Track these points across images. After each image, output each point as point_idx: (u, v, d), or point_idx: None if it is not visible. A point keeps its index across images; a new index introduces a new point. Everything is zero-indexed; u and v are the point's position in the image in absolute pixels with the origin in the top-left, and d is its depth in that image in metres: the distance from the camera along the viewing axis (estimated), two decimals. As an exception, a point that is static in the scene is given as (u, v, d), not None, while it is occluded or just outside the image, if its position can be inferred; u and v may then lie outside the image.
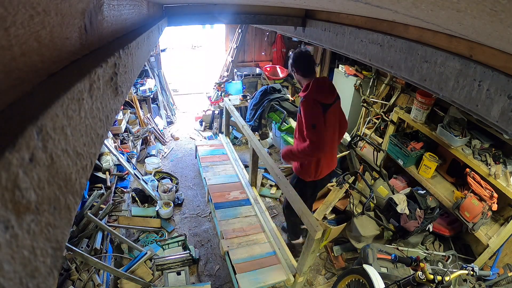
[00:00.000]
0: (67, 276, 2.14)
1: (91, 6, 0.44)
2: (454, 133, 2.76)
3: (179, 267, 2.58)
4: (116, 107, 0.47)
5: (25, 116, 0.22)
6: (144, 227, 3.10)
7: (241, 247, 2.46)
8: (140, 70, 0.84)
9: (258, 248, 2.46)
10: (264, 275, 2.23)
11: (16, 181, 0.19)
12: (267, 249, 2.47)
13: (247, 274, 2.21)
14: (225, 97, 4.67)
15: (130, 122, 4.48)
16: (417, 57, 1.12)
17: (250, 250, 2.43)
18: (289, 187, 2.26)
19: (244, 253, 2.40)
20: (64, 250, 0.29)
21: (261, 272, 2.26)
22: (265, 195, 3.78)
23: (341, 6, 1.19)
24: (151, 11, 1.22)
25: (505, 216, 2.79)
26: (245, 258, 2.35)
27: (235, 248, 2.43)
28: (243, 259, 2.34)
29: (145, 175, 3.91)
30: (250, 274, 2.22)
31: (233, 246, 2.44)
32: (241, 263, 2.30)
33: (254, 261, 2.33)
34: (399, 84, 3.69)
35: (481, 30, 0.63)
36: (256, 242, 2.51)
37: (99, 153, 1.15)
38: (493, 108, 0.85)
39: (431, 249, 3.00)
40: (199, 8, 1.80)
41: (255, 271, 2.25)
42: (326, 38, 1.78)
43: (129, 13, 0.75)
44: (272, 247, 2.48)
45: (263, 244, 2.51)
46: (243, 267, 2.27)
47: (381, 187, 3.11)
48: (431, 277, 1.80)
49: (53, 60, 0.33)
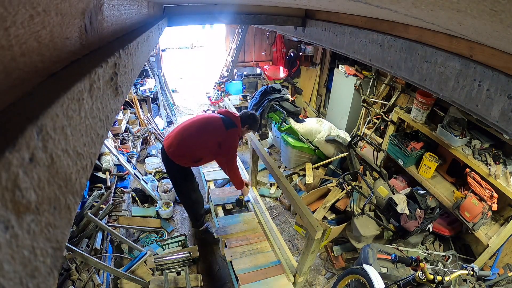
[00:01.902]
0: (67, 276, 2.14)
1: (91, 6, 0.44)
2: (454, 133, 2.76)
3: (179, 267, 2.57)
4: (116, 107, 0.47)
5: (25, 116, 0.22)
6: (144, 227, 3.10)
7: (245, 256, 2.41)
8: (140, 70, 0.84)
9: (262, 258, 2.41)
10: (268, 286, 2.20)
11: (16, 181, 0.19)
12: (271, 258, 2.43)
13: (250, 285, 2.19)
14: (225, 97, 4.67)
15: (130, 122, 4.48)
16: (417, 57, 1.12)
17: (254, 260, 2.38)
18: (289, 186, 2.26)
19: (248, 262, 2.35)
20: (64, 250, 0.29)
21: (265, 283, 2.23)
22: (264, 195, 3.78)
23: (341, 6, 1.19)
24: (151, 11, 1.22)
25: (505, 216, 2.79)
26: (249, 268, 2.31)
27: (238, 257, 2.39)
28: (247, 269, 2.30)
29: (145, 175, 3.91)
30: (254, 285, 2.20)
31: (236, 255, 2.40)
32: (245, 273, 2.26)
33: (258, 271, 2.30)
34: (399, 84, 3.69)
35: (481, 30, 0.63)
36: (260, 251, 2.47)
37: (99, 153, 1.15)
38: (493, 108, 0.85)
39: (431, 249, 3.00)
40: (199, 8, 1.80)
41: (259, 282, 2.22)
42: (326, 38, 1.78)
43: (129, 13, 0.75)
44: (276, 256, 2.44)
45: (267, 254, 2.46)
46: (247, 277, 2.23)
47: (381, 187, 3.11)
48: (431, 277, 1.80)
49: (53, 60, 0.33)
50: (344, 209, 3.09)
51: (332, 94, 4.79)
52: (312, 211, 3.10)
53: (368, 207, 2.90)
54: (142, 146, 4.45)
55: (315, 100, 5.58)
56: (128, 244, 2.75)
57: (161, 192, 3.53)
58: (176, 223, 3.32)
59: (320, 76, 5.35)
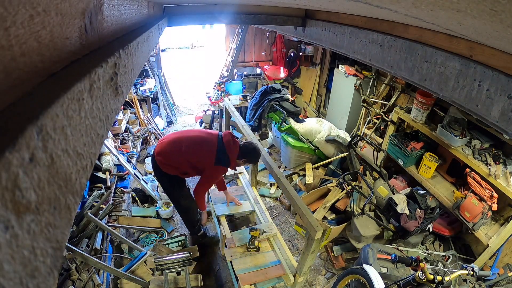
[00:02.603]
0: (67, 276, 2.14)
1: (91, 6, 0.44)
2: (454, 133, 2.76)
3: (179, 267, 2.57)
4: (116, 107, 0.47)
5: (25, 116, 0.22)
6: (144, 227, 3.10)
7: (245, 256, 2.41)
8: (140, 70, 0.84)
9: (262, 258, 2.41)
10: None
11: (16, 181, 0.19)
12: (271, 258, 2.42)
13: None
14: (225, 97, 4.67)
15: (130, 122, 4.48)
16: (417, 57, 1.12)
17: (254, 260, 2.38)
18: (289, 186, 2.26)
19: (248, 262, 2.35)
20: (64, 250, 0.29)
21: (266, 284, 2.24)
22: (264, 195, 3.78)
23: (341, 6, 1.19)
24: (151, 11, 1.22)
25: (505, 216, 2.79)
26: (249, 268, 2.30)
27: (238, 257, 2.39)
28: (247, 269, 2.30)
29: (145, 175, 3.91)
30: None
31: (236, 255, 2.40)
32: (245, 273, 2.26)
33: (258, 271, 2.29)
34: (399, 84, 3.69)
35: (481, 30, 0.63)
36: (260, 251, 2.46)
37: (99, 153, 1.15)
38: (493, 108, 0.85)
39: (431, 249, 3.00)
40: (199, 8, 1.80)
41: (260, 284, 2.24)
42: (326, 38, 1.78)
43: (129, 13, 0.75)
44: (276, 256, 2.44)
45: (267, 253, 2.46)
46: (247, 277, 2.23)
47: (381, 187, 3.11)
48: (431, 277, 1.80)
49: (53, 60, 0.33)
50: (344, 209, 3.09)
51: (332, 94, 4.79)
52: (312, 211, 3.10)
53: (368, 207, 2.90)
54: (142, 146, 4.46)
55: (315, 100, 5.58)
56: (128, 244, 2.75)
57: (161, 192, 3.52)
58: (176, 223, 3.32)
59: (320, 76, 5.35)
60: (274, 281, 2.31)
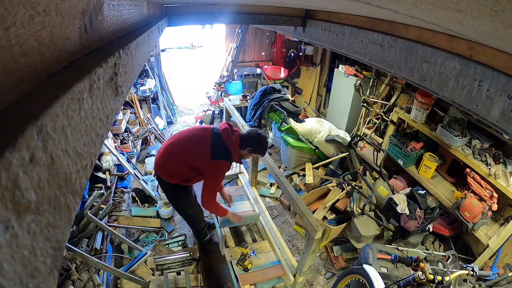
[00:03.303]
0: (67, 276, 2.14)
1: (91, 6, 0.44)
2: (454, 133, 2.76)
3: (179, 267, 2.57)
4: (116, 107, 0.47)
5: (25, 116, 0.22)
6: (144, 227, 3.10)
7: None
8: (140, 70, 0.84)
9: (262, 258, 2.41)
10: None
11: (16, 181, 0.19)
12: (271, 258, 2.42)
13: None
14: (225, 97, 4.67)
15: (130, 122, 4.48)
16: (417, 57, 1.12)
17: (254, 260, 2.38)
18: (289, 186, 2.26)
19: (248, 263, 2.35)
20: (64, 250, 0.29)
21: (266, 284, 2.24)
22: (264, 195, 3.78)
23: (341, 6, 1.19)
24: (151, 11, 1.22)
25: (505, 216, 2.79)
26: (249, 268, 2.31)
27: (238, 257, 2.39)
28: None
29: (145, 175, 3.90)
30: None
31: (236, 256, 2.40)
32: (245, 273, 2.27)
33: (258, 271, 2.30)
34: (399, 84, 3.69)
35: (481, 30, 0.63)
36: (260, 251, 2.47)
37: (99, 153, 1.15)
38: (493, 108, 0.85)
39: (431, 249, 3.00)
40: (199, 8, 1.80)
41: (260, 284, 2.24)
42: (326, 38, 1.78)
43: (129, 13, 0.75)
44: (276, 256, 2.44)
45: (267, 254, 2.46)
46: (247, 278, 2.23)
47: (381, 187, 3.11)
48: (431, 277, 1.80)
49: (53, 60, 0.33)
50: (344, 209, 3.09)
51: (332, 94, 4.79)
52: (312, 211, 3.10)
53: (368, 207, 2.90)
54: (142, 146, 4.46)
55: (315, 100, 5.58)
56: (128, 244, 2.75)
57: (161, 192, 3.53)
58: (176, 223, 3.32)
59: (320, 76, 5.35)
60: (274, 281, 2.31)
